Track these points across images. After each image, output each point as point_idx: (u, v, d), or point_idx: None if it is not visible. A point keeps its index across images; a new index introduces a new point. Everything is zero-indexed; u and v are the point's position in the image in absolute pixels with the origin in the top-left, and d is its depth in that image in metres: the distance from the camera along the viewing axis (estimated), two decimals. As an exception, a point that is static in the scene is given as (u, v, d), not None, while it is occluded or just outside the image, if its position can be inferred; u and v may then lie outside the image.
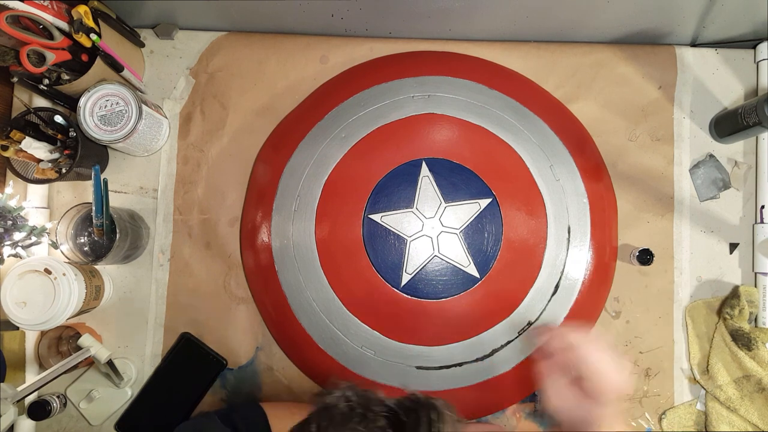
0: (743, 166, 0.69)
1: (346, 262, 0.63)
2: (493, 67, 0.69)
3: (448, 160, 0.63)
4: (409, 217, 0.63)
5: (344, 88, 0.67)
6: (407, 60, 0.69)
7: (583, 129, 0.69)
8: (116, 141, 0.62)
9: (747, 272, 0.69)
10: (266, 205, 0.65)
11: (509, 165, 0.64)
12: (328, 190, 0.63)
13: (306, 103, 0.69)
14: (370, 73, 0.68)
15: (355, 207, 0.63)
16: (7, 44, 0.58)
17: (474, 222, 0.62)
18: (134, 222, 0.66)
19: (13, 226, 0.57)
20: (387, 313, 0.62)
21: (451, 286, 0.62)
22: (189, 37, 0.71)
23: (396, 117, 0.64)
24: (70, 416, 0.66)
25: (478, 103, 0.64)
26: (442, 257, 0.62)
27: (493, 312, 0.62)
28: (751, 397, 0.64)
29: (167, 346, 0.67)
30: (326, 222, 0.63)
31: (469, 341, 0.61)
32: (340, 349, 0.62)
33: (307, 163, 0.64)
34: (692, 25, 0.67)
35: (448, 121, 0.64)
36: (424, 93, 0.64)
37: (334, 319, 0.62)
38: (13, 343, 0.65)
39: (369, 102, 0.65)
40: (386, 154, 0.64)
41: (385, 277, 0.62)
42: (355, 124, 0.64)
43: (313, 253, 0.63)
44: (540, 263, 0.62)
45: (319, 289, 0.62)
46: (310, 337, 0.63)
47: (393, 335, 0.62)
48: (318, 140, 0.65)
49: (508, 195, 0.63)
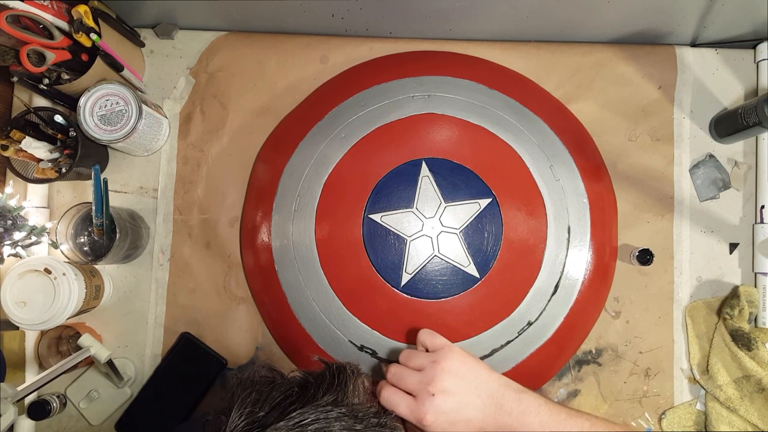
0: (743, 166, 0.69)
1: (346, 262, 0.62)
2: (493, 67, 0.69)
3: (448, 160, 0.63)
4: (408, 217, 0.63)
5: (344, 89, 0.67)
6: (407, 60, 0.69)
7: (583, 129, 0.69)
8: (116, 141, 0.62)
9: (747, 272, 0.69)
10: (266, 205, 0.65)
11: (509, 165, 0.64)
12: (328, 190, 0.63)
13: (306, 103, 0.69)
14: (370, 73, 0.68)
15: (354, 207, 0.63)
16: (7, 44, 0.58)
17: (474, 222, 0.62)
18: (134, 222, 0.66)
19: (13, 226, 0.57)
20: (387, 312, 0.62)
21: (451, 285, 0.62)
22: (189, 37, 0.71)
23: (396, 117, 0.64)
24: (69, 416, 0.66)
25: (479, 103, 0.64)
26: (442, 257, 0.62)
27: (493, 312, 0.62)
28: (751, 397, 0.64)
29: (167, 346, 0.67)
30: (326, 222, 0.63)
31: (468, 341, 0.61)
32: (339, 349, 0.62)
33: (306, 163, 0.64)
34: (692, 26, 0.67)
35: (448, 121, 0.64)
36: (424, 93, 0.64)
37: (333, 319, 0.62)
38: (13, 343, 0.65)
39: (369, 102, 0.65)
40: (386, 154, 0.63)
41: (385, 277, 0.62)
42: (355, 124, 0.64)
43: (313, 252, 0.63)
44: (540, 263, 0.62)
45: (319, 288, 0.62)
46: (310, 336, 0.63)
47: (393, 335, 0.62)
48: (318, 140, 0.64)
49: (508, 195, 0.63)
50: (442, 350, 0.53)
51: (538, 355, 0.62)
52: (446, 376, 0.51)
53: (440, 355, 0.52)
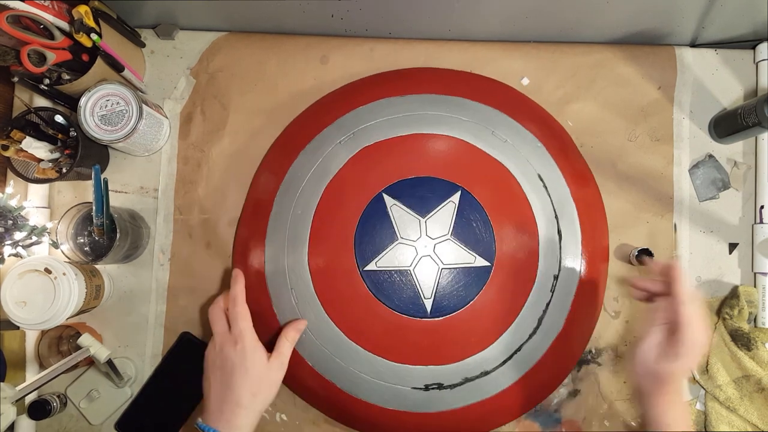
0: (743, 166, 0.70)
1: (368, 320, 0.61)
2: (404, 74, 0.69)
3: (404, 179, 0.63)
4: (400, 249, 0.62)
5: (282, 156, 0.67)
6: (325, 109, 0.68)
7: (507, 89, 0.69)
8: (117, 141, 0.62)
9: (746, 272, 0.69)
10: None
11: (456, 152, 0.63)
12: (314, 257, 0.62)
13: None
14: (294, 135, 0.68)
15: (346, 264, 0.62)
16: (7, 44, 0.58)
17: (457, 219, 0.62)
18: (134, 222, 0.66)
19: (13, 226, 0.57)
20: (431, 344, 0.61)
21: (471, 286, 0.61)
22: (189, 38, 0.71)
23: (336, 167, 0.63)
24: (70, 416, 0.66)
25: (400, 114, 0.64)
26: (448, 267, 0.62)
27: (521, 285, 0.62)
28: (750, 397, 0.64)
29: (167, 345, 0.67)
30: (326, 286, 0.62)
31: (515, 324, 0.61)
32: (409, 399, 0.61)
33: (285, 232, 0.63)
34: (692, 26, 0.67)
35: (381, 147, 0.63)
36: (347, 134, 0.64)
37: (387, 378, 0.61)
38: (13, 343, 0.66)
39: (306, 166, 0.64)
40: (346, 205, 0.63)
41: (412, 314, 0.61)
42: (308, 190, 0.63)
43: (329, 323, 0.61)
44: (533, 218, 0.63)
45: (355, 357, 0.61)
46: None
47: (448, 360, 0.61)
48: (284, 211, 0.64)
49: (471, 179, 0.63)
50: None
51: (578, 298, 0.63)
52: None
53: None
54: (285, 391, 0.66)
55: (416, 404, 0.61)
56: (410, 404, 0.61)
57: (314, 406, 0.66)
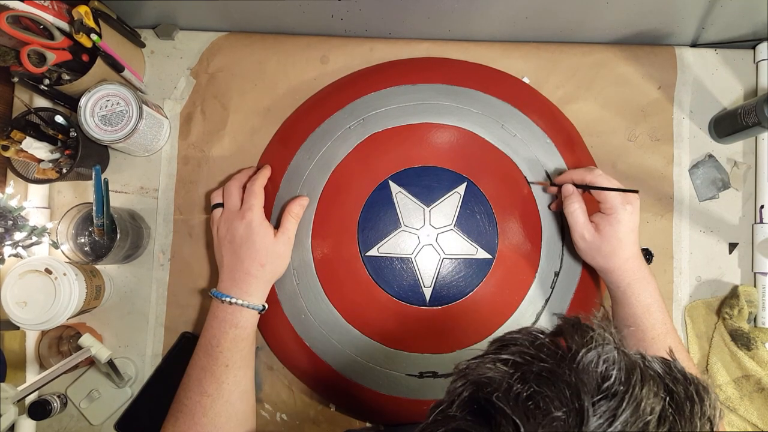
0: (742, 166, 0.70)
1: (367, 306, 0.61)
2: (409, 64, 0.69)
3: (411, 167, 0.63)
4: (402, 237, 0.62)
5: (287, 145, 0.66)
6: (336, 92, 0.68)
7: (509, 79, 0.69)
8: (117, 141, 0.62)
9: (746, 272, 0.69)
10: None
11: (464, 143, 0.63)
12: (317, 240, 0.62)
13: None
14: (302, 119, 0.67)
15: (349, 249, 0.62)
16: (7, 44, 0.58)
17: (462, 210, 0.62)
18: (135, 222, 0.66)
19: (13, 226, 0.57)
20: (429, 331, 0.61)
21: (471, 278, 0.61)
22: (189, 38, 0.71)
23: (344, 153, 0.63)
24: (70, 416, 0.66)
25: (411, 103, 0.64)
26: (450, 257, 0.62)
27: (521, 278, 0.62)
28: (750, 397, 0.64)
29: (167, 345, 0.67)
30: (327, 269, 0.62)
31: (512, 317, 0.61)
32: (402, 386, 0.61)
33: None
34: (692, 26, 0.67)
35: (391, 134, 0.63)
36: (357, 119, 0.64)
37: (381, 362, 0.61)
38: (13, 343, 0.66)
39: (314, 150, 0.64)
40: (352, 191, 0.63)
41: (410, 301, 0.61)
42: (314, 174, 0.63)
43: (332, 310, 0.61)
44: (537, 213, 0.63)
45: (352, 340, 0.61)
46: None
47: (445, 348, 0.61)
48: (290, 189, 0.64)
49: (478, 170, 0.63)
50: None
51: (578, 296, 0.63)
52: None
53: None
54: (285, 390, 0.66)
55: (410, 390, 0.61)
56: (404, 390, 0.61)
57: (309, 387, 0.66)
